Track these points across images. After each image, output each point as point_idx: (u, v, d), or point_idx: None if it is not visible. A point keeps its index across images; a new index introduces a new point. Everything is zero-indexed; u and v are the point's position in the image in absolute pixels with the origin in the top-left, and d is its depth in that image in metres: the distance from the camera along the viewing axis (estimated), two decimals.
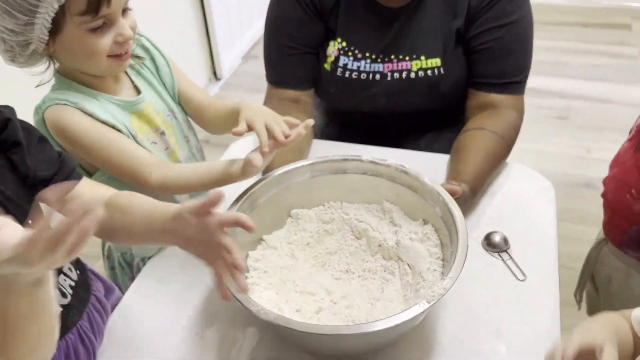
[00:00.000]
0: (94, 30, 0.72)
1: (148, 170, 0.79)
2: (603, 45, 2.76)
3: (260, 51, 1.18)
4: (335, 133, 1.20)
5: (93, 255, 1.14)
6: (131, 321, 0.80)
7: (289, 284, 0.77)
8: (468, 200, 0.89)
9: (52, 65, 0.79)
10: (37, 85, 0.79)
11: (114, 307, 0.81)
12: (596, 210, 1.75)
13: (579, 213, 1.81)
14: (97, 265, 1.01)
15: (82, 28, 0.72)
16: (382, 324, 0.60)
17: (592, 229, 1.69)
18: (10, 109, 0.64)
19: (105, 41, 0.74)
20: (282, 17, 1.08)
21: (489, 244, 0.88)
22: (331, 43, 1.07)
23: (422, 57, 1.05)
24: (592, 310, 1.15)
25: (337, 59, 1.07)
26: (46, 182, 0.64)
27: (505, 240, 0.88)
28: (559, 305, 0.80)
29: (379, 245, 0.81)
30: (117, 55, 0.77)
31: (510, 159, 1.05)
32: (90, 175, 0.84)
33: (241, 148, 1.11)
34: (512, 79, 1.05)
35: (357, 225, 0.84)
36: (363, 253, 0.82)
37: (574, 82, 2.50)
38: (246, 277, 0.77)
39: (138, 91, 0.87)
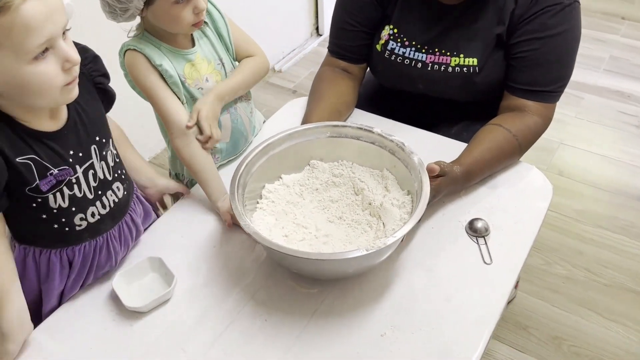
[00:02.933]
0: (177, 3, 0.93)
1: (174, 133, 1.02)
2: None
3: None
4: (380, 106, 1.35)
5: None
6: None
7: (290, 215, 0.97)
8: (458, 182, 1.02)
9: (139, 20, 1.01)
10: (128, 34, 1.02)
11: (146, 228, 1.04)
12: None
13: (622, 223, 1.83)
14: None
15: (168, 3, 0.93)
16: (324, 256, 0.81)
17: (630, 241, 1.74)
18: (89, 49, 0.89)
19: (186, 12, 0.95)
20: None
21: (471, 227, 1.01)
22: (385, 27, 1.21)
23: (462, 55, 1.16)
24: None
25: (387, 42, 1.21)
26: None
27: (486, 228, 1.01)
28: (510, 293, 0.93)
29: (369, 203, 0.98)
30: (196, 23, 0.98)
31: (570, 157, 1.14)
32: None
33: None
34: (543, 88, 1.13)
35: (358, 184, 1.02)
36: (357, 206, 1.00)
37: None
38: (257, 202, 0.99)
39: (194, 43, 1.06)
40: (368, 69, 1.32)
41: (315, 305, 0.89)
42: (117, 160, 0.92)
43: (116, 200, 0.91)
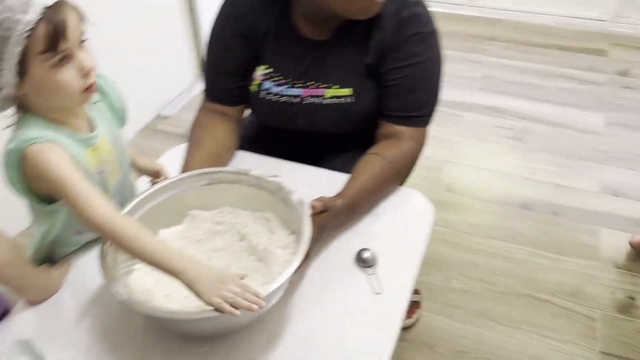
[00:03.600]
0: (55, 65, 0.80)
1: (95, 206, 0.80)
2: (575, 70, 2.86)
3: None
4: (264, 146, 1.34)
5: None
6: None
7: None
8: (341, 215, 1.03)
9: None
10: (7, 127, 0.86)
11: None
12: (526, 231, 1.90)
13: (510, 232, 1.94)
14: None
15: (45, 66, 0.79)
16: (203, 314, 0.76)
17: (518, 248, 1.84)
18: None
19: (71, 74, 0.81)
20: (218, 40, 1.22)
21: (359, 258, 1.02)
22: (258, 68, 1.21)
23: (336, 86, 1.18)
24: None
25: (261, 83, 1.20)
26: None
27: (374, 257, 1.01)
28: (402, 319, 0.93)
29: (254, 249, 0.95)
30: (87, 88, 0.85)
31: (456, 174, 1.17)
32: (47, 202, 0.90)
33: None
34: (414, 114, 1.17)
35: (242, 230, 0.99)
36: (242, 253, 0.97)
37: (538, 104, 2.61)
38: (133, 264, 0.92)
39: (91, 124, 0.94)
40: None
41: None
42: None
43: None
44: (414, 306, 1.63)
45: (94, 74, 0.85)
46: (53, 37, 0.78)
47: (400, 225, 1.10)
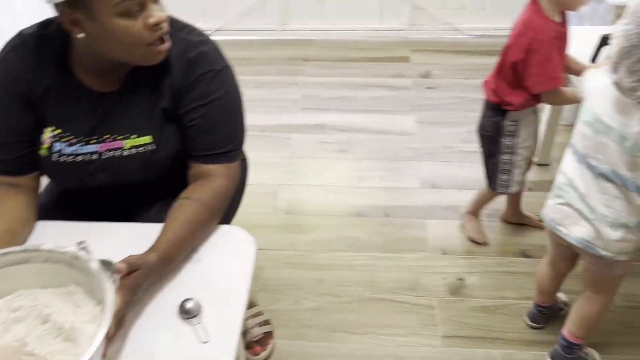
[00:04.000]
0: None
1: None
2: (385, 78, 3.09)
3: None
4: (69, 209, 1.24)
5: None
6: None
7: None
8: (156, 270, 0.98)
9: None
10: None
11: None
12: (363, 237, 1.99)
13: (349, 241, 2.02)
14: None
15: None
16: None
17: (358, 255, 1.92)
18: None
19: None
20: None
21: (182, 310, 0.98)
22: (45, 130, 1.12)
23: (134, 136, 1.13)
24: None
25: (51, 145, 1.12)
26: None
27: (198, 306, 0.98)
28: None
29: (60, 329, 0.87)
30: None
31: (292, 194, 1.16)
32: None
33: None
34: (220, 150, 1.17)
35: (44, 311, 0.90)
36: (48, 336, 0.88)
37: (357, 115, 2.77)
38: None
39: None
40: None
41: None
42: None
43: None
44: (267, 337, 1.62)
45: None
46: None
47: (221, 267, 1.08)
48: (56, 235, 0.97)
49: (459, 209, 2.12)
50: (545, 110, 2.25)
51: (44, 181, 1.22)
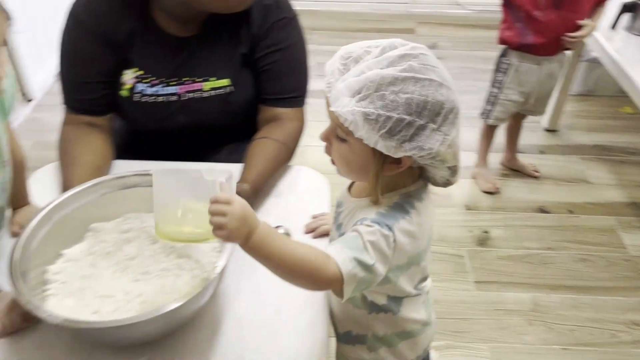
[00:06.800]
0: None
1: None
2: None
3: None
4: (142, 152, 1.28)
5: None
6: None
7: (89, 290, 0.86)
8: (250, 198, 1.05)
9: None
10: None
11: None
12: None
13: None
14: None
15: None
16: (147, 315, 0.74)
17: None
18: None
19: None
20: (73, 48, 1.14)
21: None
22: (126, 72, 1.16)
23: (213, 78, 1.18)
24: None
25: (133, 86, 1.16)
26: None
27: (287, 233, 1.05)
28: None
29: (171, 247, 0.93)
30: None
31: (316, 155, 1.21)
32: None
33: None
34: (291, 94, 1.23)
35: (153, 231, 0.95)
36: (159, 255, 0.94)
37: None
38: (44, 291, 0.85)
39: None
40: None
41: None
42: None
43: None
44: None
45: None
46: None
47: (302, 200, 1.14)
48: None
49: (470, 169, 2.22)
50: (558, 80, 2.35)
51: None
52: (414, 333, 0.92)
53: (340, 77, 0.73)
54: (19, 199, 1.02)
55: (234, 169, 1.11)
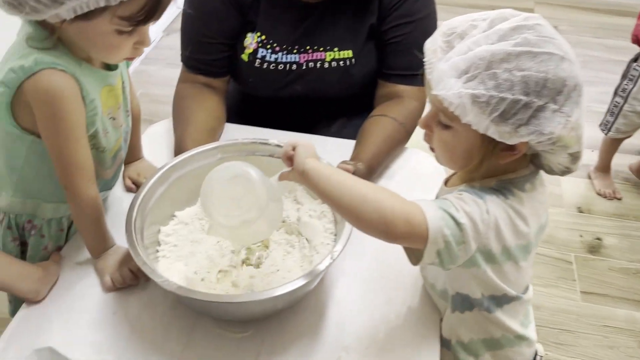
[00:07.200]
0: (122, 32, 0.72)
1: (87, 181, 0.80)
2: None
3: None
4: (251, 118, 1.26)
5: None
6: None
7: (198, 255, 0.84)
8: (364, 178, 0.99)
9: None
10: (28, 41, 0.73)
11: None
12: None
13: None
14: None
15: (112, 27, 0.71)
16: (264, 295, 0.71)
17: None
18: None
19: (128, 43, 0.75)
20: (200, 7, 1.11)
21: None
22: (249, 35, 1.12)
23: (336, 49, 1.13)
24: None
25: (255, 51, 1.12)
26: None
27: None
28: None
29: (283, 221, 0.90)
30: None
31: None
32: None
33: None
34: (416, 72, 1.14)
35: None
36: None
37: None
38: (157, 251, 0.84)
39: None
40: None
41: (256, 347, 0.78)
42: None
43: None
44: None
45: (142, 50, 0.79)
46: (148, 12, 0.71)
47: (417, 184, 1.06)
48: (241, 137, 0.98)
49: (590, 168, 2.04)
50: None
51: None
52: (502, 343, 0.79)
53: (444, 56, 0.65)
54: (132, 152, 1.02)
55: (344, 145, 1.06)
